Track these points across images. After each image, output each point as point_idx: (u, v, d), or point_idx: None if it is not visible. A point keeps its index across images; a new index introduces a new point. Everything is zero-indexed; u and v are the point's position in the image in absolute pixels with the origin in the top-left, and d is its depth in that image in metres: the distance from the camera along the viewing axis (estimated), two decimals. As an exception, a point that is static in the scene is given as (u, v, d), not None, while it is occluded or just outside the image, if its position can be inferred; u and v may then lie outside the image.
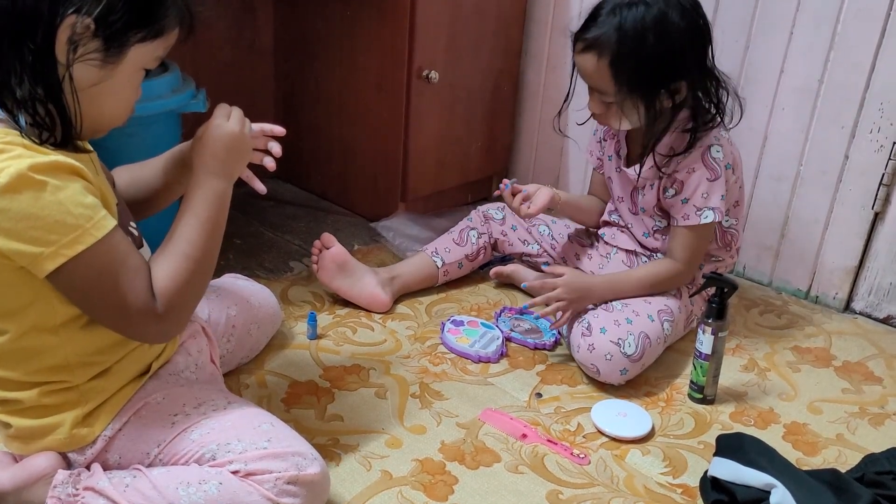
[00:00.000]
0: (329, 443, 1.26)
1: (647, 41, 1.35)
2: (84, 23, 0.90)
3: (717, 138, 1.46)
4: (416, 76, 1.88)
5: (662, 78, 1.39)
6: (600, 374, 1.42)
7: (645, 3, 1.36)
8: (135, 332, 0.99)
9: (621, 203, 1.62)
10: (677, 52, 1.38)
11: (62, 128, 0.93)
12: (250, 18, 2.12)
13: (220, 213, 1.04)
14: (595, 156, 1.67)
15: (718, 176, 1.44)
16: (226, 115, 1.07)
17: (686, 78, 1.40)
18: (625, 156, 1.57)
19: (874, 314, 1.77)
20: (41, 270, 0.90)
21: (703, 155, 1.44)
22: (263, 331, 1.45)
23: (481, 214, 1.78)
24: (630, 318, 1.44)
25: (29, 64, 0.89)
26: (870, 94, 1.65)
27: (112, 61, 0.94)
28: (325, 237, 1.64)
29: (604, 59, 1.38)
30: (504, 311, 1.68)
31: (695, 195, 1.45)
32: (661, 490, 1.22)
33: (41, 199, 0.88)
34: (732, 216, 1.56)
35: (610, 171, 1.62)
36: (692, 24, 1.38)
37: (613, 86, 1.40)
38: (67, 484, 1.01)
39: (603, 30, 1.37)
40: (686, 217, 1.47)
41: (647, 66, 1.37)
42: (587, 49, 1.40)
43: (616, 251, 1.64)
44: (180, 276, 0.97)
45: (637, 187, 1.55)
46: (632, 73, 1.38)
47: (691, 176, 1.45)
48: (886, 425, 1.41)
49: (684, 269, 1.51)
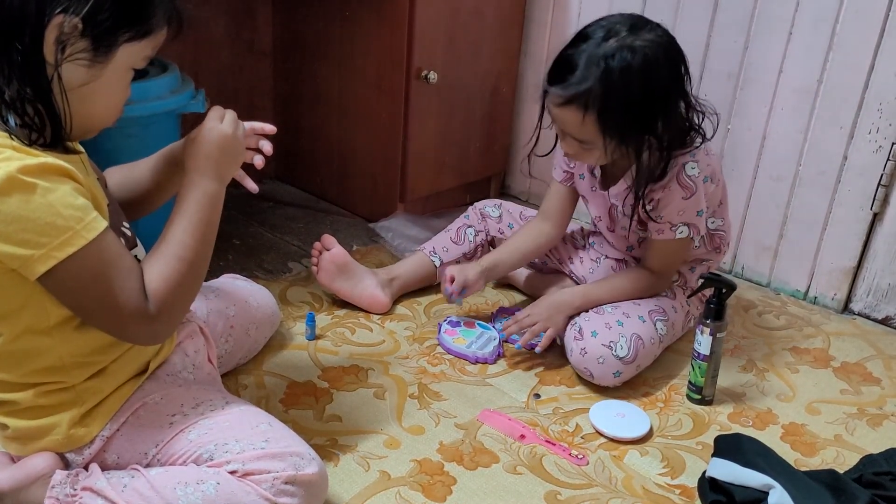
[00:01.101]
0: (327, 443, 1.26)
1: (635, 90, 1.29)
2: (72, 22, 0.89)
3: (691, 154, 1.41)
4: (415, 77, 1.88)
5: (651, 120, 1.33)
6: (594, 378, 1.42)
7: (629, 49, 1.28)
8: (127, 333, 0.99)
9: (599, 222, 1.60)
10: (664, 95, 1.32)
11: (52, 128, 0.93)
12: (249, 19, 2.12)
13: (213, 215, 1.04)
14: (562, 169, 1.59)
15: (694, 192, 1.41)
16: (219, 117, 1.07)
17: (670, 113, 1.35)
18: (600, 176, 1.54)
19: (873, 315, 1.77)
20: (32, 273, 0.90)
21: (678, 174, 1.41)
22: (262, 331, 1.45)
23: (478, 212, 1.77)
24: (621, 320, 1.43)
25: (17, 64, 0.89)
26: (868, 95, 1.65)
27: (100, 61, 0.93)
28: (325, 238, 1.63)
29: (591, 113, 1.30)
30: (500, 312, 1.68)
31: (669, 213, 1.43)
32: (660, 491, 1.22)
33: (31, 201, 0.88)
34: (718, 216, 1.55)
35: (584, 191, 1.59)
36: (674, 63, 1.33)
37: (601, 137, 1.33)
38: (65, 484, 1.01)
39: (587, 84, 1.28)
40: (660, 232, 1.46)
41: (636, 115, 1.31)
42: (570, 103, 1.31)
43: (604, 258, 1.64)
44: (172, 277, 0.97)
45: (616, 205, 1.54)
46: (620, 125, 1.31)
47: (666, 195, 1.42)
48: (884, 426, 1.41)
49: (659, 278, 1.51)
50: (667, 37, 1.33)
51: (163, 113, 1.55)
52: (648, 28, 1.32)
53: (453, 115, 2.02)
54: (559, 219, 1.63)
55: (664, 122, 1.34)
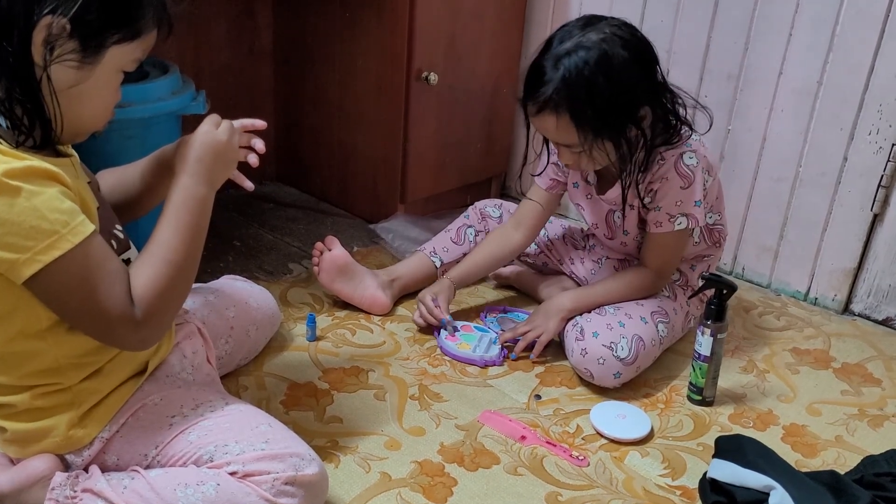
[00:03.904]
0: (328, 444, 1.26)
1: (599, 84, 1.30)
2: (60, 23, 0.89)
3: (688, 145, 1.42)
4: (416, 78, 1.89)
5: (624, 114, 1.34)
6: (594, 378, 1.42)
7: (584, 48, 1.30)
8: (114, 338, 0.98)
9: (597, 229, 1.61)
10: (631, 84, 1.33)
11: (41, 131, 0.93)
12: (250, 21, 2.12)
13: (202, 219, 1.03)
14: (549, 177, 1.59)
15: (692, 182, 1.42)
16: (215, 123, 1.07)
17: (646, 103, 1.36)
18: (595, 182, 1.55)
19: (873, 316, 1.77)
20: (19, 277, 0.89)
21: (676, 163, 1.41)
22: (262, 332, 1.45)
23: (478, 212, 1.77)
24: (623, 321, 1.44)
25: (5, 65, 0.88)
26: (869, 96, 1.65)
27: (89, 63, 0.93)
28: (327, 239, 1.64)
29: (562, 115, 1.32)
30: (488, 312, 1.68)
31: (667, 203, 1.44)
32: (660, 492, 1.22)
33: (16, 204, 0.87)
34: (715, 210, 1.55)
35: (578, 199, 1.59)
36: (636, 51, 1.33)
37: (578, 137, 1.34)
38: (65, 486, 1.01)
39: (552, 86, 1.31)
40: (659, 224, 1.46)
41: (607, 108, 1.32)
42: (542, 110, 1.34)
43: (606, 259, 1.64)
44: (160, 281, 0.96)
45: (613, 209, 1.54)
46: (594, 121, 1.32)
47: (665, 185, 1.43)
48: (885, 427, 1.41)
49: (656, 277, 1.51)
50: (624, 27, 1.35)
51: (164, 114, 1.55)
52: (604, 23, 1.34)
53: (454, 116, 2.02)
54: (531, 228, 1.64)
55: (639, 112, 1.35)
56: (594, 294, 1.51)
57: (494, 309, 1.70)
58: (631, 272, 1.53)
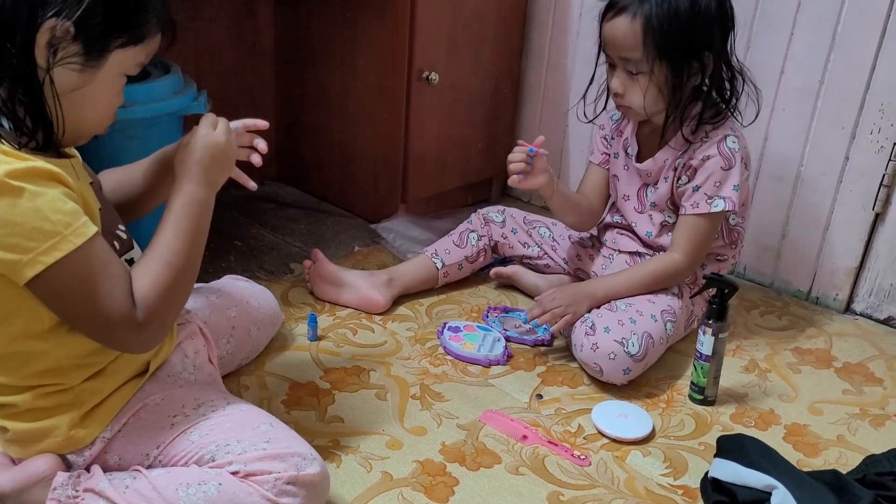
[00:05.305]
0: (329, 444, 1.26)
1: (681, 6, 1.37)
2: (63, 26, 0.89)
3: (733, 129, 1.47)
4: (417, 78, 1.89)
5: (692, 46, 1.40)
6: (603, 374, 1.42)
7: None
8: (115, 340, 0.98)
9: (626, 201, 1.61)
10: (708, 21, 1.39)
11: (43, 132, 0.93)
12: (251, 21, 2.12)
13: (203, 221, 1.03)
14: (600, 151, 1.65)
15: (733, 165, 1.45)
16: (213, 124, 1.07)
17: (713, 51, 1.41)
18: (635, 153, 1.57)
19: (875, 315, 1.77)
20: (21, 278, 0.89)
21: (720, 144, 1.45)
22: (263, 332, 1.45)
23: (481, 217, 1.78)
24: (634, 317, 1.44)
25: (8, 67, 0.88)
26: (870, 95, 1.65)
27: (92, 66, 0.93)
28: (312, 253, 1.69)
29: (637, 20, 1.38)
30: (490, 311, 1.68)
31: (707, 183, 1.45)
32: (662, 491, 1.22)
33: (18, 205, 0.87)
34: (740, 215, 1.56)
35: (616, 169, 1.62)
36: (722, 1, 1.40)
37: (643, 50, 1.39)
38: (67, 486, 1.01)
39: None
40: (696, 205, 1.46)
41: (680, 31, 1.37)
42: (620, 12, 1.40)
43: (618, 253, 1.64)
44: (161, 283, 0.96)
45: (647, 183, 1.55)
46: (663, 37, 1.38)
47: (705, 163, 1.45)
48: (887, 426, 1.41)
49: (685, 264, 1.50)
50: None
51: (165, 114, 1.55)
52: None
53: (455, 115, 2.02)
54: (598, 198, 1.67)
55: (705, 54, 1.40)
56: (619, 283, 1.51)
57: (496, 308, 1.70)
58: (657, 259, 1.53)
